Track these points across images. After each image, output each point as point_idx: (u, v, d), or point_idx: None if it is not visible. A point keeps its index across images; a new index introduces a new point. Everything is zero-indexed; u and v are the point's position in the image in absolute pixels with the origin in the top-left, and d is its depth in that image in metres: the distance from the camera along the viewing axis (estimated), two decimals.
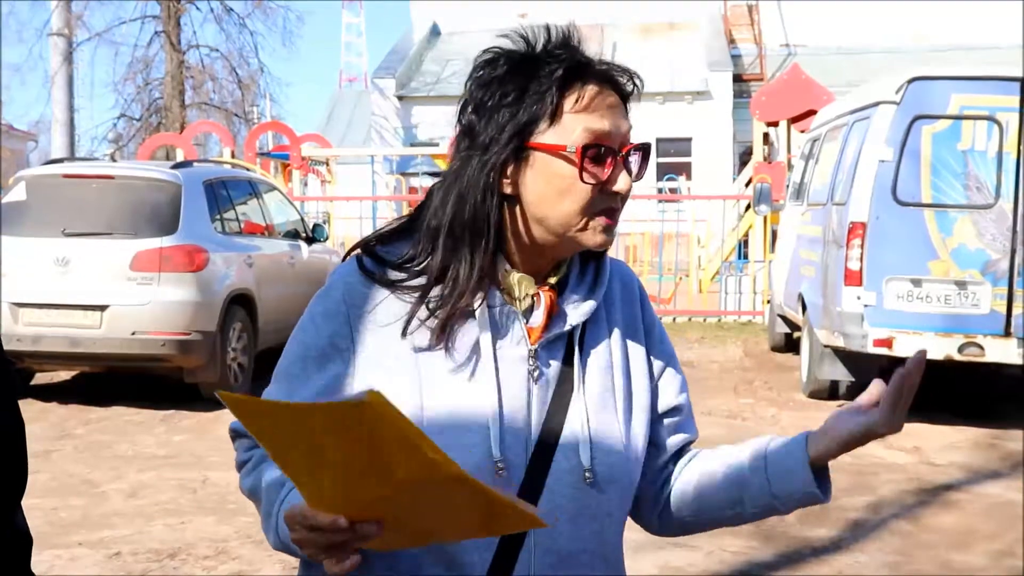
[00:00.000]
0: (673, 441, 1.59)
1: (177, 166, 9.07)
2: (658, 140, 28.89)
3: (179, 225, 8.22)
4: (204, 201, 8.62)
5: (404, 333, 1.43)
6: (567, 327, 1.47)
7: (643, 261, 17.76)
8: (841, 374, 8.42)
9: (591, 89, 1.40)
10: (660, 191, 24.22)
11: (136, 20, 28.36)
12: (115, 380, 9.18)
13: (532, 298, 1.47)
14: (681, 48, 30.56)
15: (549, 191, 1.40)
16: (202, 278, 8.18)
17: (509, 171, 1.41)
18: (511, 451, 1.41)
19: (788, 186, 11.63)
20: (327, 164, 21.41)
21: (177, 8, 27.90)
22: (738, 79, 29.34)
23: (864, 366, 8.24)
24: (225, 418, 7.95)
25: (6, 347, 7.77)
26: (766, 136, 15.85)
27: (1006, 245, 7.62)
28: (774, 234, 12.75)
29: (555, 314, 1.47)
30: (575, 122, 1.39)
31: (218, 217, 8.86)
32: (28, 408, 8.37)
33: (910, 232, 7.68)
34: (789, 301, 9.99)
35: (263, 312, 9.01)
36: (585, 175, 1.39)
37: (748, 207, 15.23)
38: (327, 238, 11.41)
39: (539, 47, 1.43)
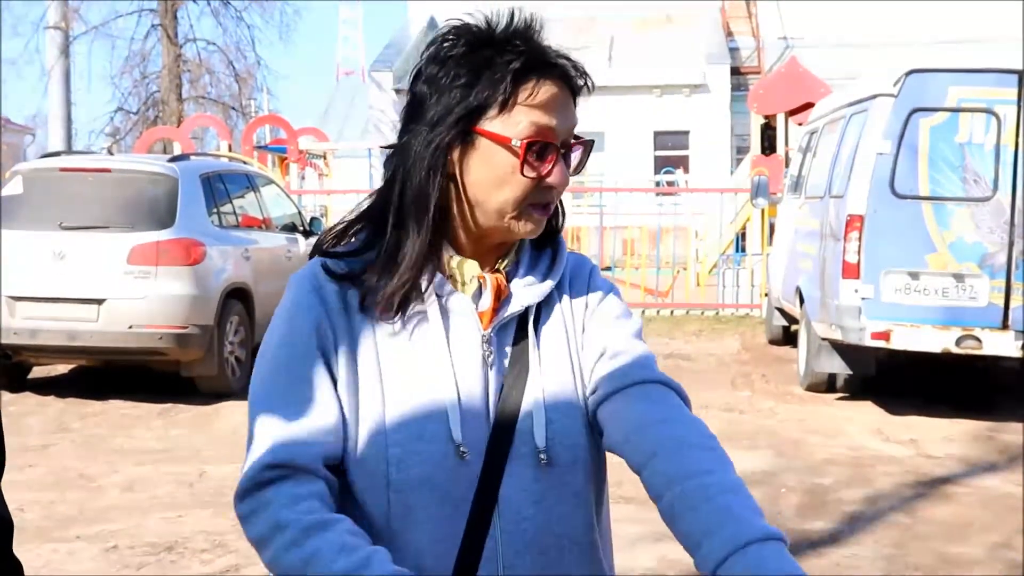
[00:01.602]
0: (610, 380, 1.46)
1: (174, 160, 9.06)
2: (655, 133, 28.92)
3: (176, 219, 8.21)
4: (201, 195, 8.61)
5: (363, 313, 1.43)
6: (519, 308, 1.47)
7: (641, 254, 17.73)
8: (838, 367, 8.42)
9: (544, 84, 1.41)
10: (658, 184, 24.22)
11: (133, 14, 28.31)
12: (112, 374, 9.17)
13: (479, 282, 1.47)
14: (678, 41, 30.49)
15: (489, 178, 1.42)
16: (199, 272, 8.18)
17: (455, 153, 1.42)
18: (473, 435, 1.41)
19: (786, 179, 11.62)
20: (324, 157, 21.39)
21: (174, 2, 27.84)
22: (736, 72, 29.31)
23: (862, 359, 8.25)
24: (224, 411, 7.96)
25: (4, 340, 7.75)
26: (768, 128, 15.81)
27: (1004, 238, 7.61)
28: (772, 227, 12.75)
29: (505, 298, 1.48)
30: (524, 115, 1.40)
31: (215, 211, 8.85)
32: (25, 402, 8.37)
33: (908, 225, 7.67)
34: (787, 294, 9.99)
35: (260, 306, 9.00)
36: (526, 168, 1.40)
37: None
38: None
39: (499, 32, 1.43)
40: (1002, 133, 7.61)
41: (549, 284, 1.50)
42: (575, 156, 1.47)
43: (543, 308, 1.51)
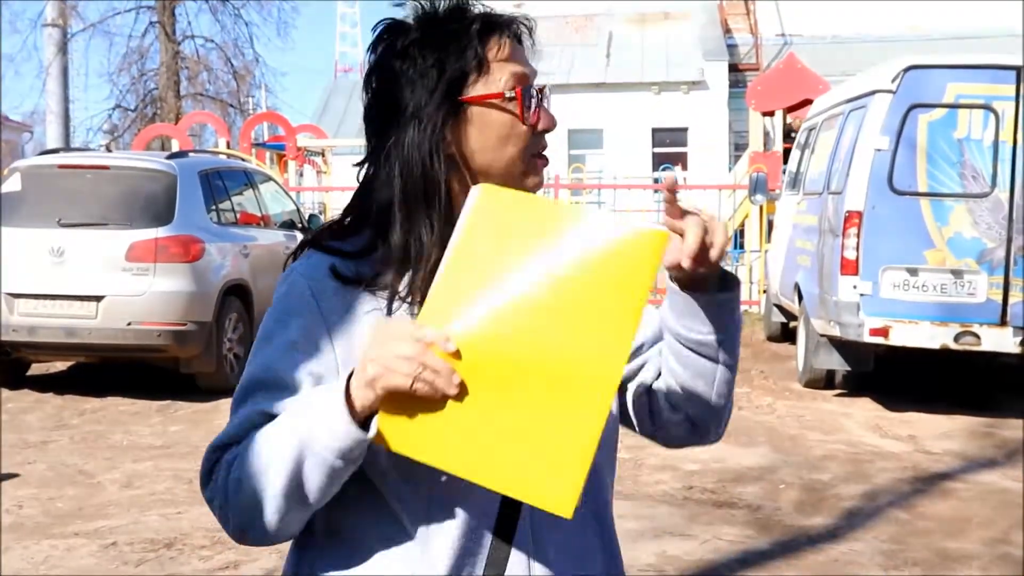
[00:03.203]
0: (646, 370, 1.57)
1: (172, 156, 9.05)
2: (654, 130, 28.90)
3: (175, 215, 8.20)
4: (200, 191, 8.61)
5: (375, 311, 1.40)
6: None
7: None
8: (837, 363, 8.43)
9: (505, 38, 1.44)
10: (656, 181, 24.20)
11: (131, 11, 28.30)
12: (111, 370, 9.17)
13: None
14: (677, 38, 30.48)
15: (491, 140, 1.42)
16: (198, 269, 8.18)
17: (448, 130, 1.40)
18: None
19: (784, 175, 11.62)
20: (323, 155, 21.36)
21: None
22: (734, 69, 29.29)
23: (860, 355, 8.25)
24: (222, 408, 7.96)
25: (3, 337, 7.74)
26: (792, 131, 15.78)
27: (1002, 234, 7.62)
28: (770, 224, 12.75)
29: None
30: (501, 70, 1.42)
31: (214, 207, 8.84)
32: (24, 398, 8.37)
33: (906, 221, 7.68)
34: (785, 290, 9.99)
35: (259, 302, 8.99)
36: (526, 115, 1.42)
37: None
38: None
39: (441, 10, 1.44)
40: (1000, 129, 7.61)
41: None
42: (548, 102, 1.47)
43: None
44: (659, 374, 1.54)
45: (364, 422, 1.26)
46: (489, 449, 1.23)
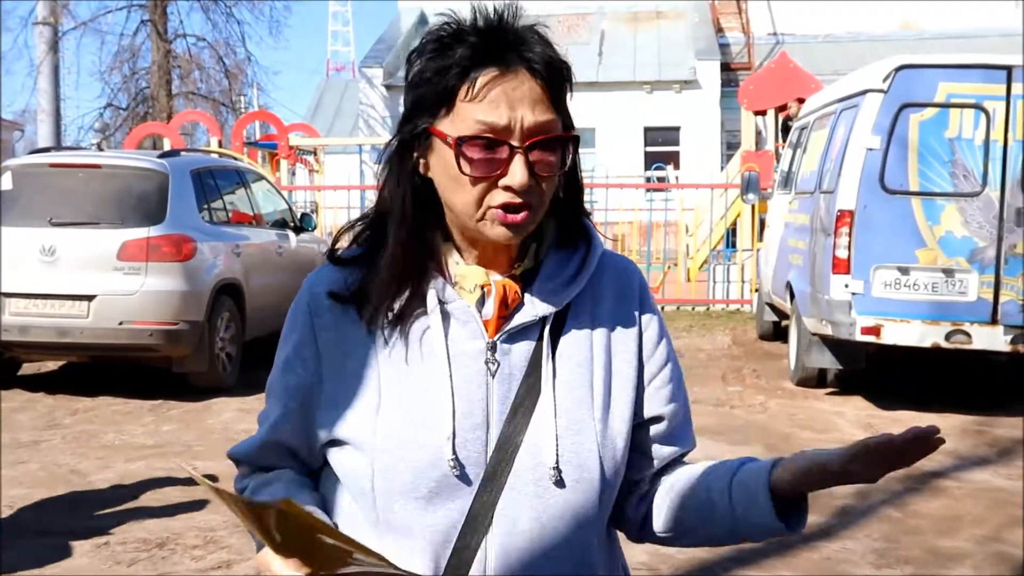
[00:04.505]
0: (660, 451, 1.51)
1: (164, 155, 9.02)
2: (646, 129, 28.95)
3: (166, 214, 8.19)
4: (192, 190, 8.59)
5: (368, 327, 1.42)
6: (532, 318, 1.41)
7: (631, 250, 17.74)
8: (829, 362, 8.44)
9: (489, 76, 1.33)
10: (648, 180, 24.22)
11: (122, 9, 28.22)
12: (103, 370, 9.15)
13: (483, 290, 1.41)
14: (669, 37, 30.54)
15: (447, 179, 1.37)
16: (190, 268, 8.16)
17: (417, 153, 1.39)
18: (468, 448, 1.37)
19: (776, 174, 11.64)
20: (315, 153, 21.36)
21: None
22: (726, 68, 29.36)
23: (852, 354, 8.27)
24: (215, 407, 7.95)
25: None
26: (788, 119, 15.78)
27: (993, 233, 7.64)
28: (762, 223, 12.77)
29: (516, 305, 1.42)
30: (467, 111, 1.33)
31: (206, 206, 8.83)
32: (16, 398, 8.35)
33: (898, 220, 7.69)
34: (777, 289, 10.01)
35: (251, 302, 8.99)
36: (463, 166, 1.33)
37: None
38: (315, 227, 11.39)
39: (467, 25, 1.36)
40: (991, 128, 7.63)
41: (571, 292, 1.44)
42: (543, 154, 1.34)
43: (567, 317, 1.45)
44: (652, 469, 1.52)
45: None
46: None
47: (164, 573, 4.73)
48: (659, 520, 1.51)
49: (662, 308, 14.21)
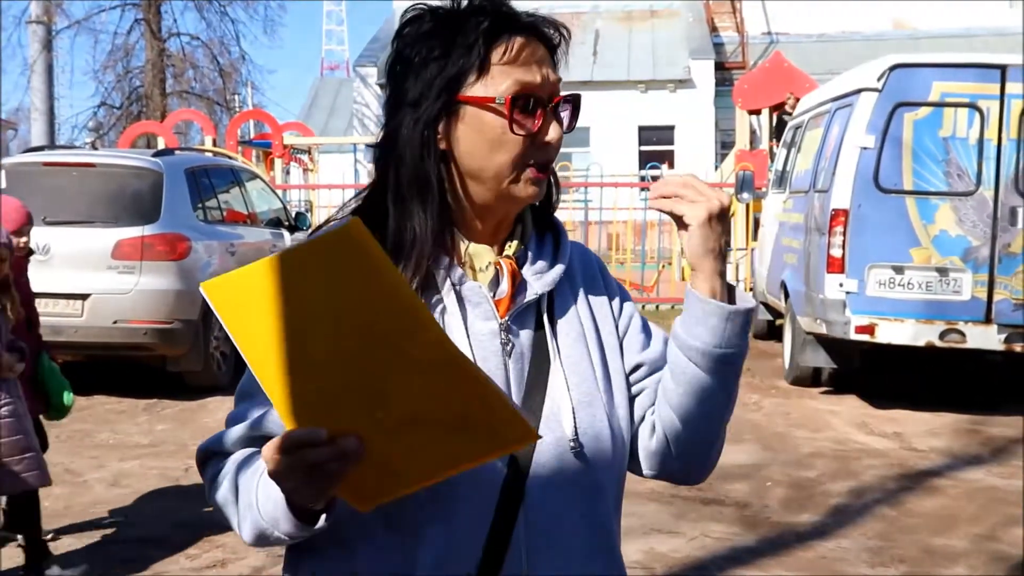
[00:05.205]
0: (652, 382, 1.54)
1: (158, 154, 9.01)
2: (640, 128, 28.95)
3: (161, 213, 8.17)
4: (186, 189, 8.58)
5: None
6: (533, 296, 1.45)
7: (626, 249, 17.76)
8: (823, 361, 8.45)
9: (518, 41, 1.39)
10: (643, 179, 24.22)
11: (116, 8, 28.23)
12: (97, 369, 9.12)
13: (496, 268, 1.44)
14: (663, 36, 30.54)
15: (481, 144, 1.39)
16: (184, 266, 8.15)
17: (441, 127, 1.40)
18: None
19: (770, 173, 11.65)
20: (309, 152, 21.35)
21: None
22: (720, 67, 29.36)
23: (846, 353, 8.28)
24: (209, 406, 7.95)
25: None
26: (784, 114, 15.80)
27: (987, 232, 7.65)
28: (756, 222, 12.77)
29: (519, 284, 1.46)
30: (503, 74, 1.38)
31: (200, 205, 8.82)
32: None
33: (892, 219, 7.70)
34: (771, 288, 10.02)
35: None
36: (515, 126, 1.38)
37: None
38: (310, 226, 11.38)
39: (464, 2, 1.41)
40: (985, 127, 7.64)
41: (559, 270, 1.49)
42: (564, 112, 1.43)
43: (555, 295, 1.50)
44: (654, 401, 1.53)
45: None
46: (429, 448, 1.23)
47: (158, 572, 4.73)
48: (665, 429, 1.51)
49: (656, 307, 14.22)
